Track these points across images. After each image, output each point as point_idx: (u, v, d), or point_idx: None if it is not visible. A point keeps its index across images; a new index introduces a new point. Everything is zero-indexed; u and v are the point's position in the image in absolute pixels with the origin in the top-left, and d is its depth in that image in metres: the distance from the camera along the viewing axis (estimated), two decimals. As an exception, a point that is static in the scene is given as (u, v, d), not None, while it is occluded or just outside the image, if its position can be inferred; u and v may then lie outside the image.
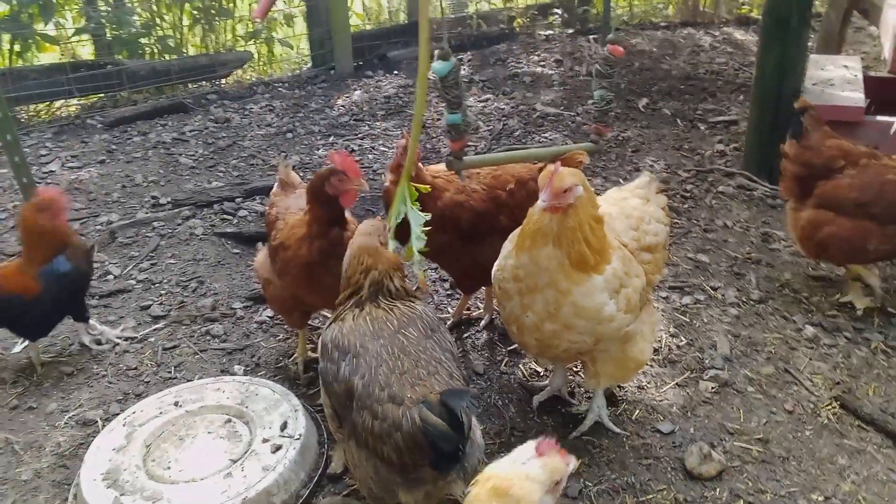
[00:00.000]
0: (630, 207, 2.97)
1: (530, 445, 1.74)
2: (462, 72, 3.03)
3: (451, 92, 2.84)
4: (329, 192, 2.89)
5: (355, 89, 7.60)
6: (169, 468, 2.73)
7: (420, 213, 2.82)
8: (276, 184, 3.53)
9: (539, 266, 2.56)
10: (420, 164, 3.20)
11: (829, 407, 3.18)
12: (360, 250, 2.52)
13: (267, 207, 3.46)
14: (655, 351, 3.51)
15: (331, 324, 2.52)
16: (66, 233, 3.48)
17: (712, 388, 3.27)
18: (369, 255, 2.51)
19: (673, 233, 4.64)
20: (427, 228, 2.80)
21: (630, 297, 2.66)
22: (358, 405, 2.26)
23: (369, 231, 2.58)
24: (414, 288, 3.95)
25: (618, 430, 3.01)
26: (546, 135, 6.24)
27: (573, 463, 1.81)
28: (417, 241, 2.78)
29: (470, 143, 5.72)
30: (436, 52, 2.81)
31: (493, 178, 3.34)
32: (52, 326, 3.57)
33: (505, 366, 3.48)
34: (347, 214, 3.06)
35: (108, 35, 7.47)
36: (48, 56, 7.53)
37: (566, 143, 5.90)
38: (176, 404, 3.04)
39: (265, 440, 2.82)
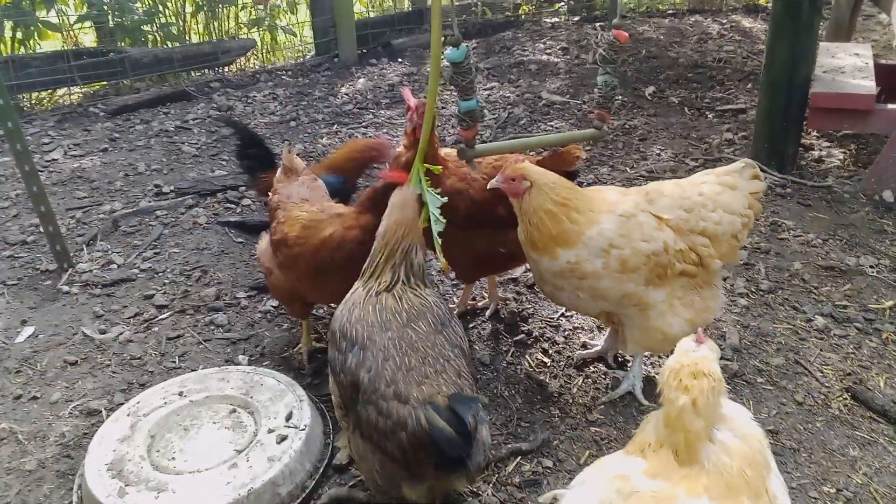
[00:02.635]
0: (695, 192, 2.94)
1: (688, 341, 1.95)
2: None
3: (466, 77, 2.80)
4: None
5: (359, 77, 7.54)
6: (174, 458, 2.71)
7: (437, 195, 2.82)
8: (279, 170, 3.49)
9: (519, 238, 2.96)
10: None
11: (840, 398, 3.15)
12: (398, 224, 2.54)
13: (270, 193, 3.43)
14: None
15: (342, 307, 2.50)
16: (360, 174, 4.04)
17: (721, 379, 3.24)
18: (408, 229, 2.54)
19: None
20: (444, 201, 2.84)
21: (626, 259, 2.78)
22: (363, 399, 2.24)
23: (404, 203, 2.59)
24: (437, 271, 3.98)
25: (646, 402, 3.05)
26: (552, 123, 6.18)
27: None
28: (437, 223, 2.79)
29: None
30: (446, 38, 2.77)
31: (493, 168, 3.28)
32: None
33: (511, 356, 3.45)
34: None
35: (110, 22, 7.40)
36: (50, 43, 7.48)
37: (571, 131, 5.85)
38: (180, 394, 3.01)
39: (270, 430, 2.79)
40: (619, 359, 3.39)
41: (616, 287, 2.84)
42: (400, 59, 8.06)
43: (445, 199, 2.85)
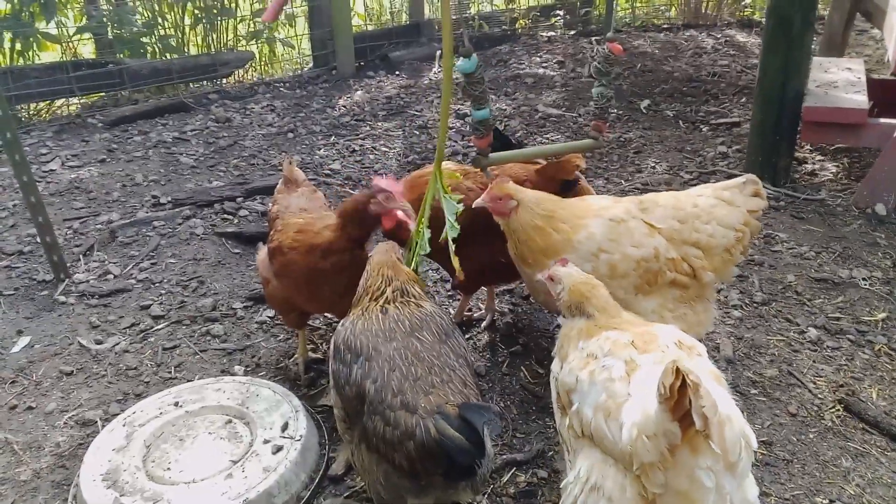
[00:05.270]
0: (690, 204, 2.94)
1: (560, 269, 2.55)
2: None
3: (478, 87, 2.85)
4: (374, 209, 2.83)
5: (357, 89, 7.58)
6: (169, 469, 2.71)
7: (453, 200, 2.87)
8: (280, 181, 3.52)
9: (510, 253, 3.04)
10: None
11: (833, 409, 3.17)
12: (380, 264, 2.60)
13: (270, 204, 3.45)
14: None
15: (344, 322, 2.52)
16: None
17: (715, 390, 3.26)
18: (389, 268, 2.59)
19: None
20: (461, 208, 2.90)
21: (615, 264, 2.81)
22: (369, 410, 2.23)
23: (386, 249, 2.69)
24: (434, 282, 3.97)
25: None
26: (548, 136, 6.22)
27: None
28: (452, 229, 2.82)
29: (470, 144, 5.71)
30: (457, 49, 2.83)
31: (481, 184, 3.32)
32: None
33: (507, 367, 3.46)
34: None
35: (109, 34, 7.44)
36: (49, 55, 7.50)
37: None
38: (176, 404, 3.02)
39: (266, 441, 2.80)
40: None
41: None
42: (398, 72, 8.11)
43: (462, 207, 2.89)
